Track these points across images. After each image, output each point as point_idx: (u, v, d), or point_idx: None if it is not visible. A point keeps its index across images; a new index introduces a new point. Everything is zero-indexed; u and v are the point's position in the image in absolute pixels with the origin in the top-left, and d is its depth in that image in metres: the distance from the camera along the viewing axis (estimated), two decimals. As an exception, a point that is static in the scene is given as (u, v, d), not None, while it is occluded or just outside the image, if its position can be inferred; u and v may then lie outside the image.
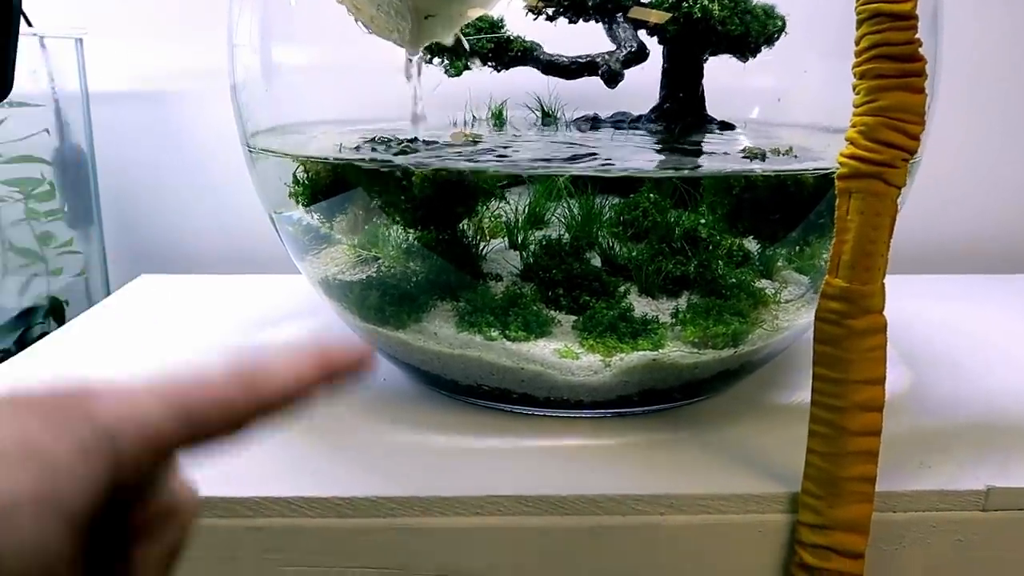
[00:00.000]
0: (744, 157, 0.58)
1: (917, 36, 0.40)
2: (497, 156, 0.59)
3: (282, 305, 0.78)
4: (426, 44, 0.52)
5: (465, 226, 0.57)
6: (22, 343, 0.79)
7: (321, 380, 0.27)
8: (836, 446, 0.43)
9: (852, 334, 0.42)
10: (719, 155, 0.62)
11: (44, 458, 0.21)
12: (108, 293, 0.91)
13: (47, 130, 0.82)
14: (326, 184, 0.56)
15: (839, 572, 0.44)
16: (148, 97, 0.92)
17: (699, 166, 0.62)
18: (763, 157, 0.58)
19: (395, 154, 0.57)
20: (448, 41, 0.55)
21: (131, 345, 0.69)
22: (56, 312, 0.83)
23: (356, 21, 0.52)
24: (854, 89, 0.41)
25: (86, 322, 0.74)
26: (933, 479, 0.48)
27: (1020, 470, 0.49)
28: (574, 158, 0.59)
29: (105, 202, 0.91)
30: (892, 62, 0.40)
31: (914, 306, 0.80)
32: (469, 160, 0.57)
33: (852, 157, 0.41)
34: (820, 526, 0.44)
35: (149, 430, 0.23)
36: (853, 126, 0.41)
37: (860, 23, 0.41)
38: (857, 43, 0.41)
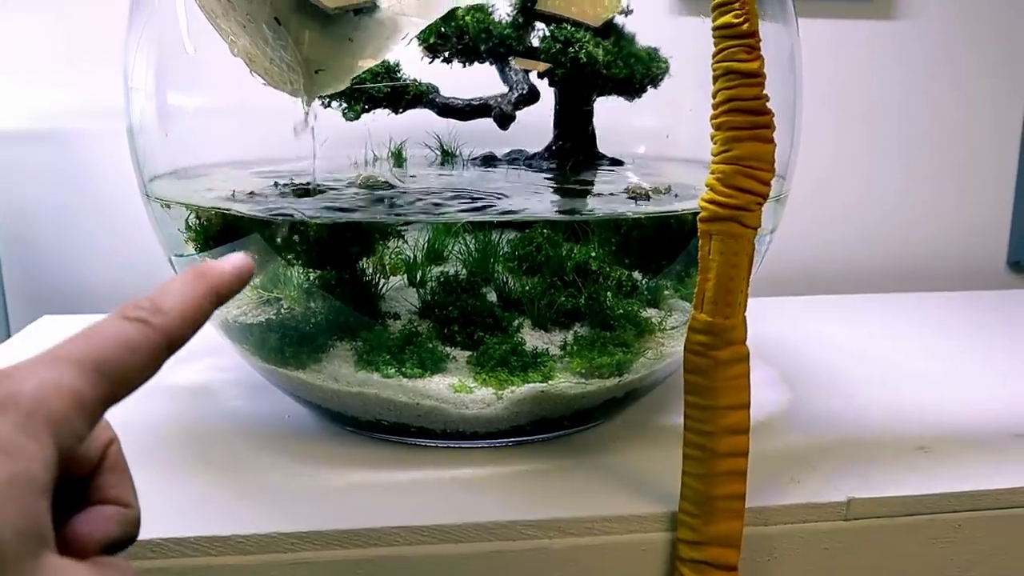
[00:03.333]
0: (629, 198, 0.61)
1: (765, 92, 0.44)
2: (391, 201, 0.61)
3: (187, 345, 0.79)
4: (319, 95, 0.54)
5: (364, 265, 0.59)
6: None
7: (211, 295, 0.29)
8: (707, 467, 0.46)
9: (718, 364, 0.46)
10: (606, 195, 0.65)
11: None
12: (8, 334, 0.89)
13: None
14: (218, 231, 0.58)
15: (715, 585, 0.48)
16: (47, 136, 0.92)
17: (589, 206, 0.65)
18: (647, 197, 0.62)
19: (297, 195, 0.59)
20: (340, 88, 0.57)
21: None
22: (-47, 357, 0.82)
23: (252, 73, 0.54)
24: (712, 139, 0.45)
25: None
26: (801, 493, 0.52)
27: (880, 481, 0.53)
28: (472, 200, 0.62)
29: (4, 242, 0.90)
30: (744, 115, 0.44)
31: (795, 326, 0.85)
32: (359, 210, 0.59)
33: (711, 202, 0.44)
34: (696, 542, 0.47)
35: (73, 394, 0.25)
36: (712, 173, 0.45)
37: (715, 79, 0.44)
38: (713, 97, 0.45)
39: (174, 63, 0.59)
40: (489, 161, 0.74)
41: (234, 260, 0.30)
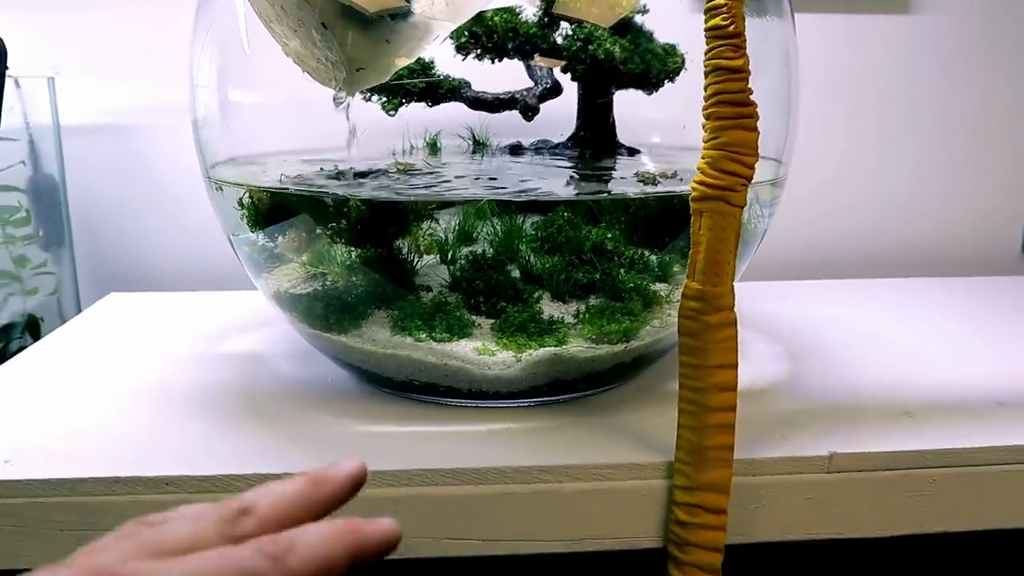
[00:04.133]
0: (639, 182, 0.67)
1: (749, 86, 0.49)
2: (426, 185, 0.68)
3: (241, 318, 0.86)
4: (360, 89, 0.61)
5: (400, 244, 0.66)
6: (2, 356, 0.86)
7: (350, 558, 0.29)
8: (699, 420, 0.52)
9: (708, 327, 0.51)
10: (618, 179, 0.71)
11: None
12: (79, 310, 0.98)
13: (23, 161, 0.90)
14: (269, 209, 0.65)
15: (706, 526, 0.53)
16: (114, 130, 1.00)
17: (605, 190, 0.71)
18: (654, 181, 0.68)
19: (335, 177, 0.66)
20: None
21: (102, 358, 0.76)
22: (32, 328, 0.90)
23: (302, 71, 0.61)
24: (703, 128, 0.51)
25: (60, 337, 0.81)
26: (788, 448, 0.57)
27: (861, 439, 0.58)
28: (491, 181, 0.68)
29: (76, 227, 0.99)
30: (730, 107, 0.49)
31: (806, 308, 0.90)
32: (396, 191, 0.65)
33: (701, 183, 0.50)
34: (690, 487, 0.53)
35: None
36: (702, 158, 0.51)
37: (706, 75, 0.50)
38: (704, 90, 0.51)
39: (233, 62, 0.66)
40: (516, 150, 0.80)
41: (385, 526, 0.30)
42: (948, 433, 0.60)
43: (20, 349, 0.80)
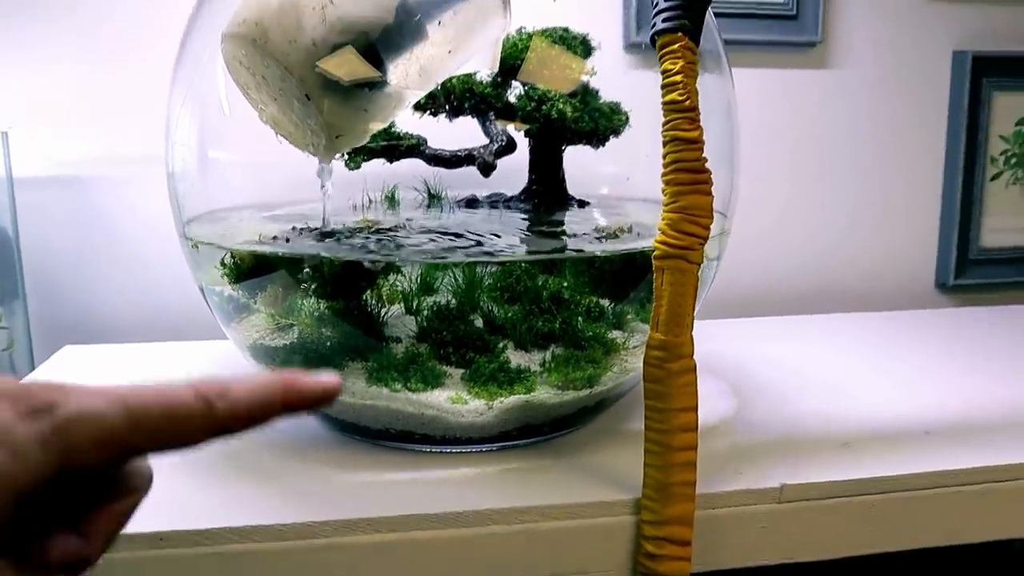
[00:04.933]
0: (597, 238, 0.72)
1: (704, 155, 0.55)
2: (390, 243, 0.71)
3: (204, 368, 0.88)
4: (336, 155, 0.64)
5: (368, 296, 0.69)
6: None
7: (284, 406, 0.30)
8: (664, 459, 0.57)
9: (671, 374, 0.56)
10: (580, 236, 0.75)
11: (7, 439, 0.26)
12: (32, 363, 0.98)
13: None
14: (250, 267, 0.67)
15: (673, 557, 0.58)
16: (67, 182, 1.01)
17: (564, 246, 0.75)
18: (615, 235, 0.72)
19: (318, 238, 0.69)
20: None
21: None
22: (-12, 384, 0.90)
23: (277, 135, 0.64)
24: (663, 192, 0.56)
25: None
26: (743, 481, 0.62)
27: (808, 471, 0.63)
28: (455, 238, 0.72)
29: (29, 279, 0.99)
30: (687, 173, 0.54)
31: (745, 346, 0.96)
32: (369, 251, 0.68)
33: (662, 243, 0.55)
34: (657, 522, 0.58)
35: (103, 432, 0.28)
36: (663, 219, 0.55)
37: (664, 144, 0.55)
38: (664, 158, 0.56)
39: (212, 122, 0.69)
40: (472, 203, 0.84)
41: (324, 381, 0.31)
42: (882, 462, 0.65)
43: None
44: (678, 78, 0.54)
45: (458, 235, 0.71)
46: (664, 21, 0.55)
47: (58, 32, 0.99)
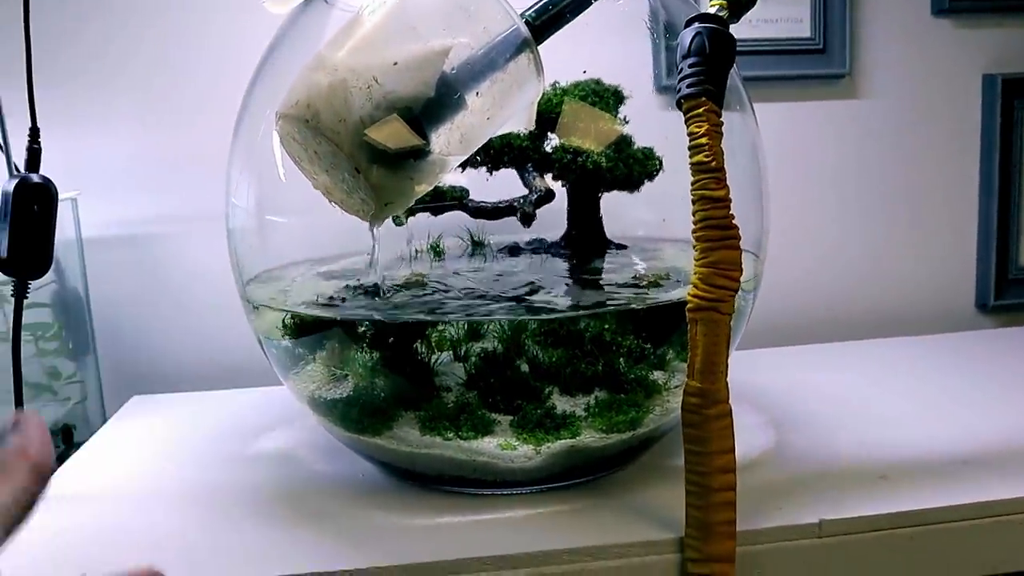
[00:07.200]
0: (638, 284, 0.75)
1: (731, 212, 0.58)
2: (440, 299, 0.75)
3: (263, 415, 0.93)
4: (385, 219, 0.68)
5: (418, 345, 0.72)
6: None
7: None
8: (705, 500, 0.60)
9: (707, 419, 0.59)
10: (622, 284, 0.78)
11: None
12: (104, 412, 1.03)
13: (54, 281, 0.96)
14: (308, 327, 0.72)
15: (717, 593, 0.60)
16: (131, 240, 1.07)
17: (608, 296, 0.78)
18: (656, 284, 0.75)
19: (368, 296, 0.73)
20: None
21: (138, 465, 0.82)
22: (67, 436, 0.96)
23: (330, 202, 0.68)
24: (694, 247, 0.59)
25: (96, 445, 0.87)
26: (783, 517, 0.65)
27: (847, 505, 0.66)
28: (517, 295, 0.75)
29: (99, 334, 1.05)
30: (717, 230, 0.57)
31: (783, 375, 0.98)
32: (421, 311, 0.72)
33: (695, 296, 0.58)
34: (700, 559, 0.60)
35: None
36: (695, 274, 0.59)
37: (694, 202, 0.58)
38: (693, 215, 0.59)
39: (269, 187, 0.74)
40: (515, 251, 0.88)
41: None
42: (921, 494, 0.67)
43: (59, 457, 0.85)
44: (704, 140, 0.57)
45: (516, 299, 0.74)
46: (688, 87, 0.59)
47: (119, 101, 1.06)
